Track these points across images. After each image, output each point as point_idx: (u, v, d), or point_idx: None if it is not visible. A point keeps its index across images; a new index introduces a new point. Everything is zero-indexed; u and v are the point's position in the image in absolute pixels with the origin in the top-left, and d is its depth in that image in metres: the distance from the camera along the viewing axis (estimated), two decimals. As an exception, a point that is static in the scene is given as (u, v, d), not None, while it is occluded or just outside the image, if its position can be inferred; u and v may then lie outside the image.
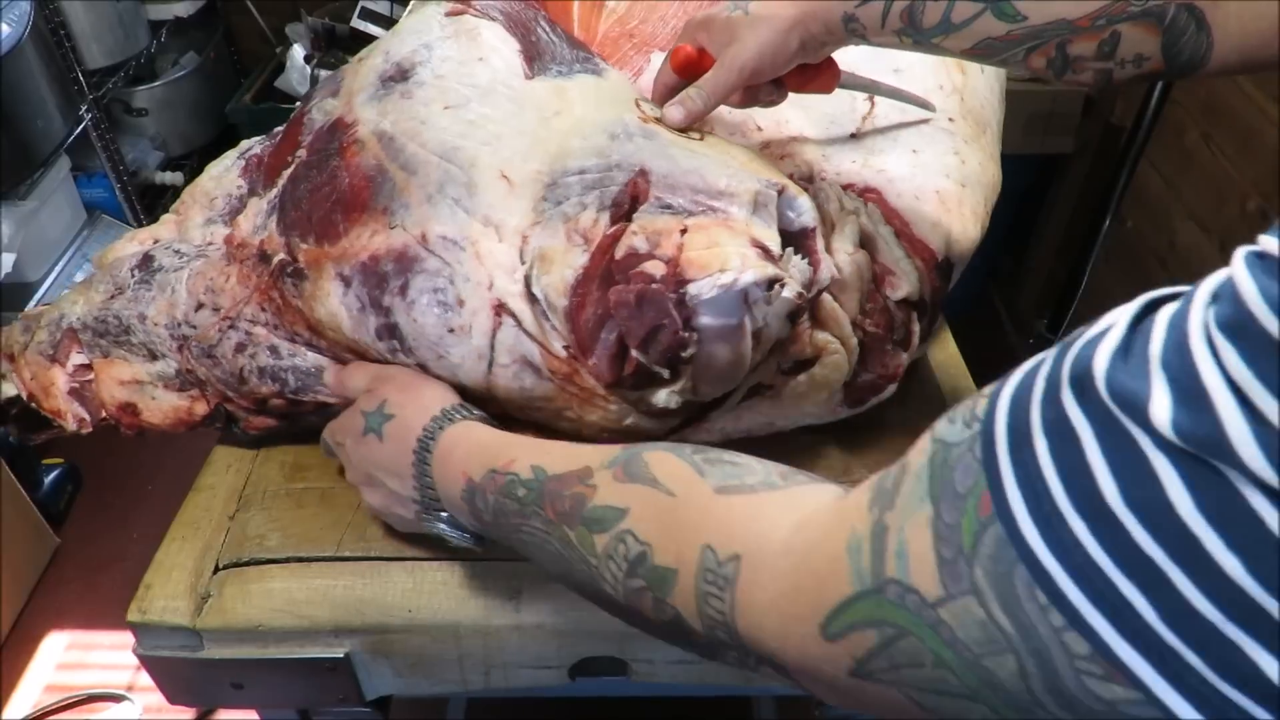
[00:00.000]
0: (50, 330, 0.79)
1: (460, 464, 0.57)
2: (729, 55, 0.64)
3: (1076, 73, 0.57)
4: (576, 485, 0.49)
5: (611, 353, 0.61)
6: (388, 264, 0.65)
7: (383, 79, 0.73)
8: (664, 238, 0.60)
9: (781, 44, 0.63)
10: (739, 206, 0.62)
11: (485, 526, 0.57)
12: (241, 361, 0.73)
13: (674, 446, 0.49)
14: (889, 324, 0.71)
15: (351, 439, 0.65)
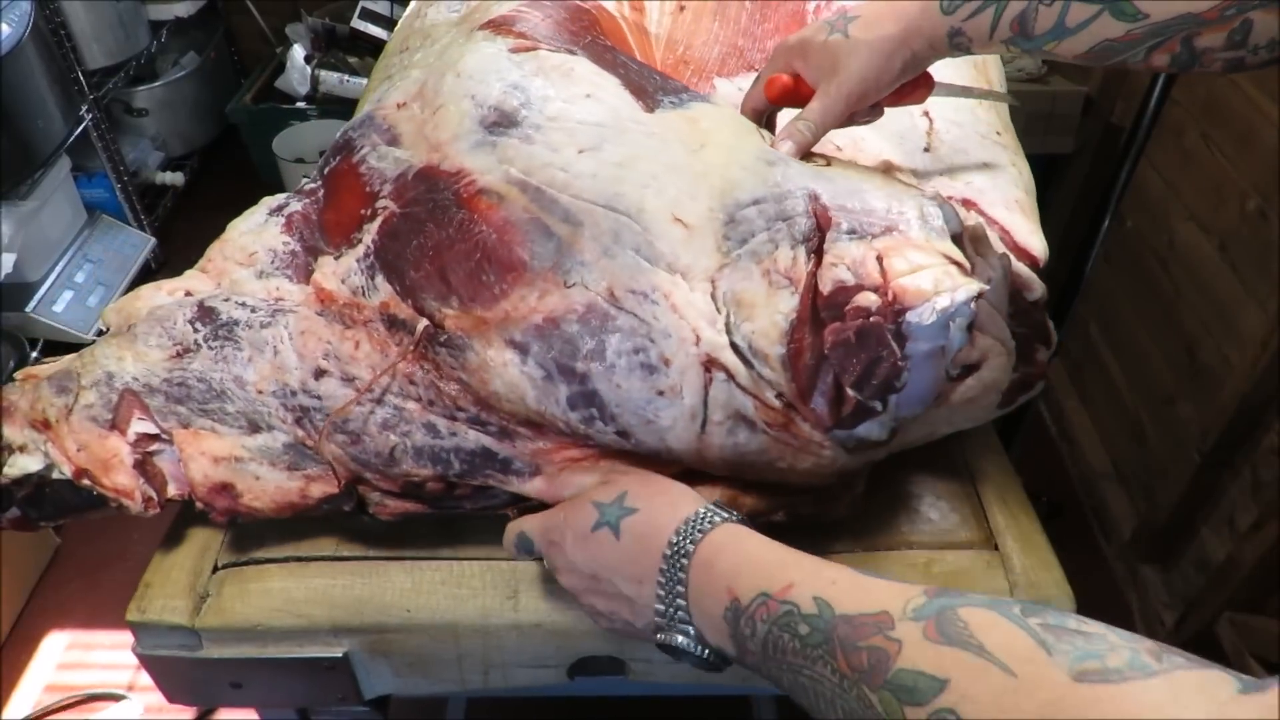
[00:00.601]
0: (101, 391, 0.68)
1: (725, 578, 0.51)
2: (834, 84, 0.63)
3: (1205, 65, 0.55)
4: (875, 636, 0.42)
5: (830, 395, 0.58)
6: (572, 326, 0.60)
7: (486, 125, 0.67)
8: (864, 265, 0.57)
9: (885, 67, 0.61)
10: (911, 223, 0.60)
11: (747, 655, 0.50)
12: (393, 440, 0.65)
13: (993, 602, 0.41)
14: (1030, 323, 0.73)
15: (574, 535, 0.58)
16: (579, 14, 0.79)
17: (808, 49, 0.64)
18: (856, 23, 0.62)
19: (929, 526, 0.73)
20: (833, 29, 0.63)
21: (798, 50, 0.65)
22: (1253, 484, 1.32)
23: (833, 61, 0.62)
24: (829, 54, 0.63)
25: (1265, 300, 1.29)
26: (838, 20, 0.63)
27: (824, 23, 0.64)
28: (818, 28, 0.64)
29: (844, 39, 0.62)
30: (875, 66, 0.61)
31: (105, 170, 2.15)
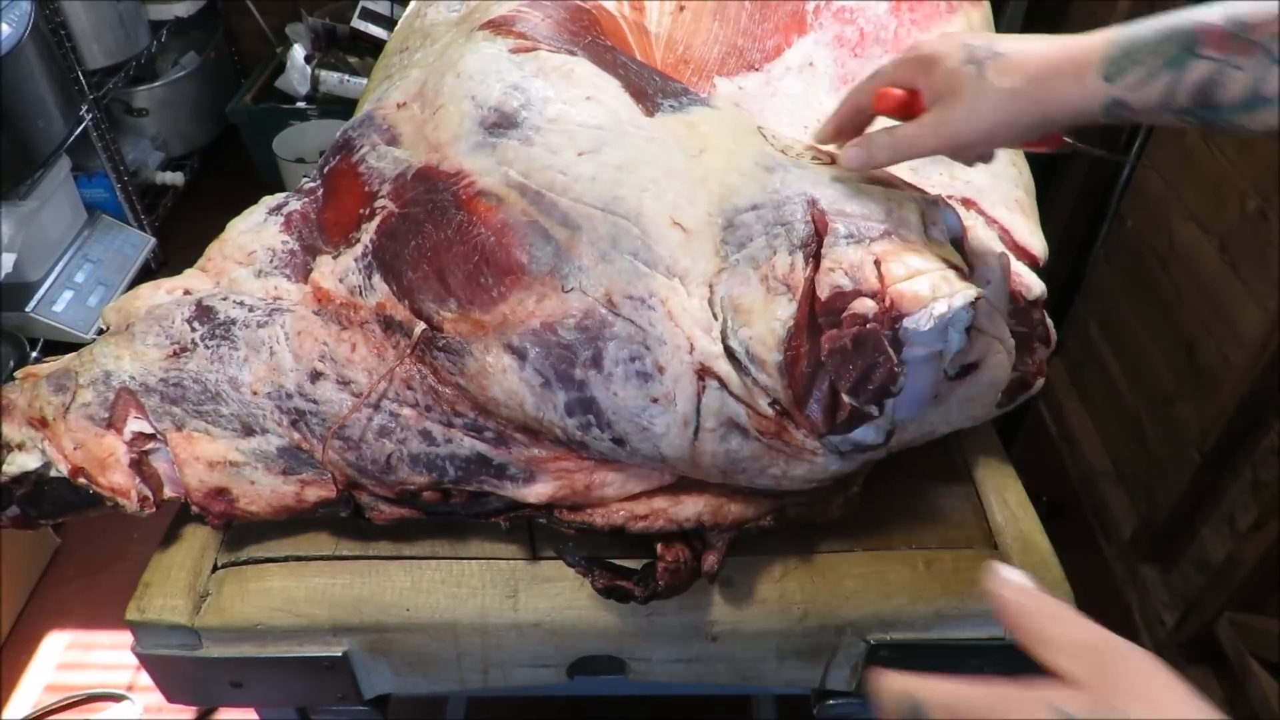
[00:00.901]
0: (98, 390, 0.67)
1: None
2: (943, 119, 0.56)
3: None
4: None
5: (825, 402, 0.58)
6: (570, 332, 0.60)
7: (486, 126, 0.67)
8: (861, 270, 0.57)
9: (1009, 125, 0.54)
10: (910, 227, 0.59)
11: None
12: (389, 447, 0.65)
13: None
14: (1030, 323, 0.73)
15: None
16: (579, 14, 0.79)
17: (934, 67, 0.56)
18: (998, 62, 0.54)
19: (929, 526, 0.73)
20: (970, 56, 0.55)
21: (923, 65, 0.57)
22: (1253, 484, 1.32)
23: (953, 93, 0.55)
24: (954, 83, 0.55)
25: (1265, 300, 1.29)
26: (980, 49, 0.55)
27: (964, 45, 0.55)
28: (955, 47, 0.56)
29: (976, 74, 0.54)
30: (998, 121, 0.54)
31: (105, 170, 2.15)
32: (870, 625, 0.69)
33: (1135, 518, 1.63)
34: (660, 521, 0.66)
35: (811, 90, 0.81)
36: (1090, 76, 0.51)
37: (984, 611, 0.69)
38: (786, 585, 0.69)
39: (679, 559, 0.65)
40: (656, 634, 0.69)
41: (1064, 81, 0.52)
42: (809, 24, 0.84)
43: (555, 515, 0.67)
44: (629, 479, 0.66)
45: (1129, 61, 0.50)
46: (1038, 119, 0.54)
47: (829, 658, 0.71)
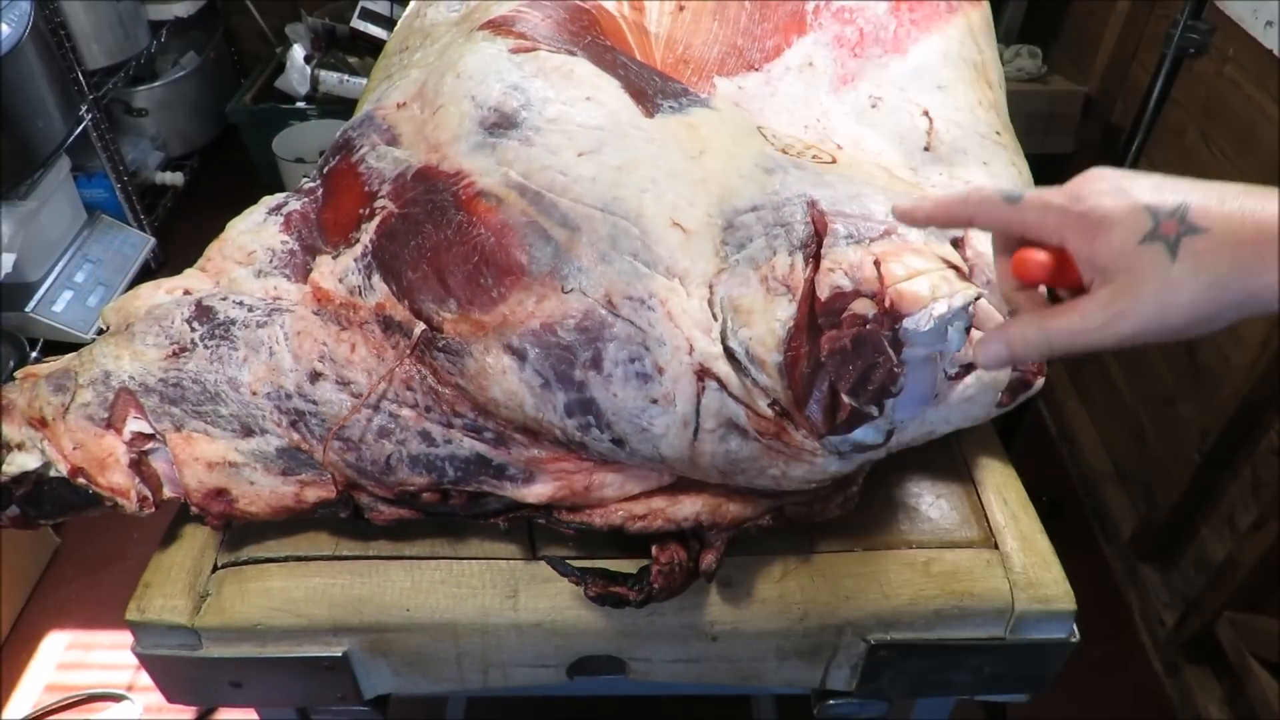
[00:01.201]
0: (98, 390, 0.67)
1: None
2: (1120, 313, 0.44)
3: None
4: None
5: (825, 403, 0.58)
6: (569, 333, 0.60)
7: (486, 126, 0.67)
8: (861, 271, 0.57)
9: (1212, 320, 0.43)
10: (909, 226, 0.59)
11: None
12: (389, 448, 0.65)
13: None
14: None
15: None
16: (579, 14, 0.79)
17: (1101, 236, 0.44)
18: (1197, 240, 0.42)
19: (929, 526, 0.73)
20: (1156, 230, 0.43)
21: (1087, 229, 0.45)
22: (1253, 484, 1.32)
23: (1134, 279, 0.43)
24: (1133, 266, 0.43)
25: (1265, 300, 1.29)
26: (1170, 220, 0.42)
27: (1147, 210, 0.43)
28: (1134, 213, 0.43)
29: (1166, 258, 0.42)
30: (1194, 318, 0.43)
31: (105, 170, 2.15)
32: (870, 625, 0.69)
33: (1135, 518, 1.63)
34: (658, 521, 0.66)
35: (811, 90, 0.81)
36: None
37: (984, 611, 0.69)
38: (786, 585, 0.69)
39: (673, 560, 0.65)
40: (656, 634, 0.69)
41: None
42: (809, 24, 0.84)
43: (554, 516, 0.67)
44: (628, 480, 0.66)
45: None
46: (1243, 312, 0.43)
47: (829, 658, 0.71)
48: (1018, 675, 0.73)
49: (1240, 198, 0.42)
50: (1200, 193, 0.43)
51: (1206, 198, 0.43)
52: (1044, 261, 0.47)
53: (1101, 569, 1.66)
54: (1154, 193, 0.44)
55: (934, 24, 0.84)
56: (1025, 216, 0.47)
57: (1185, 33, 1.13)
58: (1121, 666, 1.51)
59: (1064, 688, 1.18)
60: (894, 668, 0.71)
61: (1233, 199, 0.42)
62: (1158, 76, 1.18)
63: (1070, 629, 0.70)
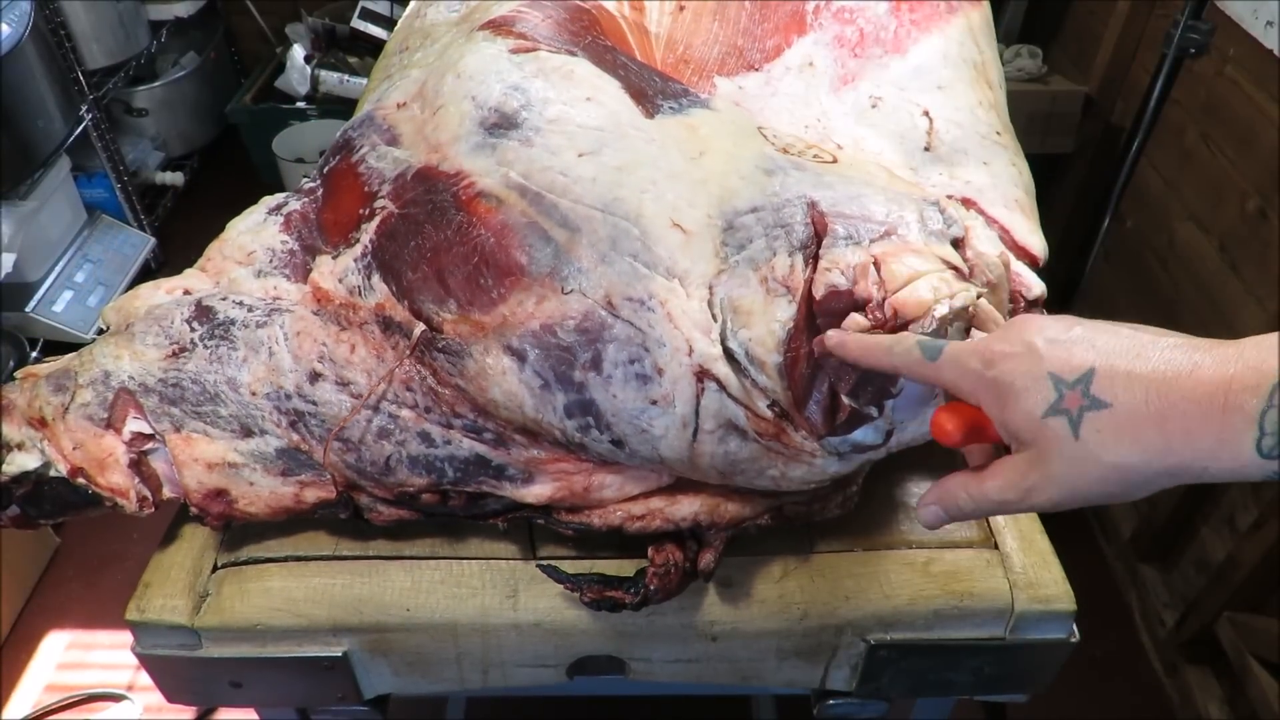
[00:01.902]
0: (97, 390, 0.67)
1: None
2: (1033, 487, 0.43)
3: None
4: None
5: (825, 404, 0.58)
6: (569, 334, 0.60)
7: (486, 127, 0.67)
8: (860, 271, 0.57)
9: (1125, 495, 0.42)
10: (910, 227, 0.59)
11: None
12: (388, 449, 0.65)
13: None
14: None
15: None
16: (579, 14, 0.79)
17: (1010, 403, 0.43)
18: (1099, 417, 0.40)
19: (928, 526, 0.73)
20: (1059, 403, 0.41)
21: (996, 394, 0.44)
22: (1253, 484, 1.32)
23: (1042, 453, 0.42)
24: (1040, 439, 0.42)
25: (1265, 300, 1.29)
26: (1073, 392, 0.40)
27: (1050, 378, 0.41)
28: (1039, 380, 0.41)
29: (1069, 435, 0.41)
30: (1101, 491, 0.41)
31: (105, 170, 2.15)
32: (870, 625, 0.69)
33: (1135, 518, 1.63)
34: (657, 521, 0.66)
35: (811, 90, 0.81)
36: (1239, 449, 0.37)
37: (984, 611, 0.69)
38: (786, 585, 0.69)
39: (668, 561, 0.65)
40: (656, 634, 0.69)
41: (1198, 455, 0.38)
42: (809, 24, 0.84)
43: (553, 516, 0.67)
44: (627, 481, 0.66)
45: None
46: (1162, 487, 0.41)
47: (829, 658, 0.71)
48: (1017, 675, 0.73)
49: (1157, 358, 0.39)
50: (1115, 352, 0.40)
51: (1118, 361, 0.40)
52: (956, 425, 0.47)
53: (1101, 569, 1.66)
54: (1064, 357, 0.41)
55: (934, 24, 0.84)
56: (942, 375, 0.47)
57: (1185, 33, 1.13)
58: (1121, 666, 1.51)
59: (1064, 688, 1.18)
60: (894, 668, 0.71)
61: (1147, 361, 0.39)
62: (1158, 76, 1.18)
63: (1070, 629, 0.70)
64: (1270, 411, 0.36)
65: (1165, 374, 0.39)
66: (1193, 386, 0.38)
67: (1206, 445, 0.38)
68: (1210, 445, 0.38)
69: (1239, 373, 0.37)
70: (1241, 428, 0.37)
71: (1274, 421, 0.36)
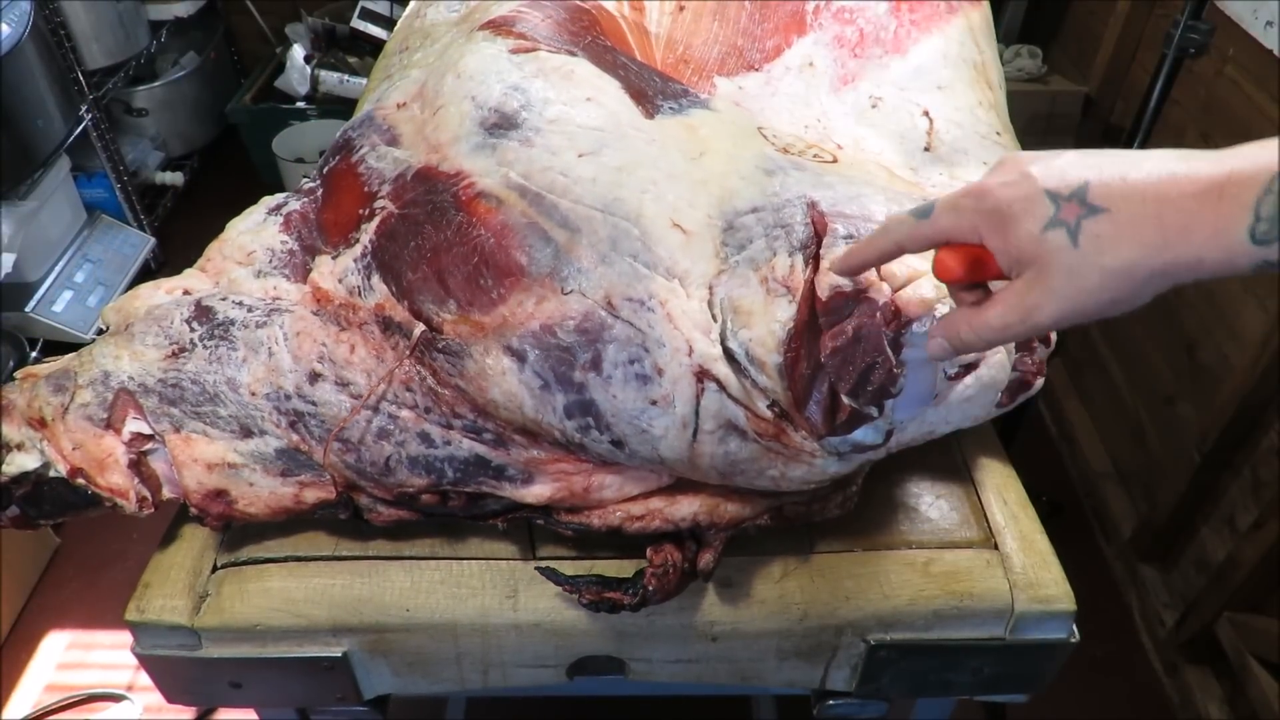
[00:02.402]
0: (97, 390, 0.67)
1: None
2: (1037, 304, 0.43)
3: None
4: None
5: (825, 404, 0.58)
6: (569, 335, 0.60)
7: (486, 127, 0.67)
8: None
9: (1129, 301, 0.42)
10: None
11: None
12: (388, 450, 0.65)
13: None
14: None
15: None
16: (579, 14, 0.79)
17: (1008, 228, 0.43)
18: (1098, 222, 0.41)
19: (929, 526, 0.73)
20: (1056, 215, 0.42)
21: (993, 222, 0.44)
22: (1253, 484, 1.32)
23: (1043, 268, 0.43)
24: (1040, 254, 0.42)
25: (1265, 300, 1.29)
26: (1070, 203, 0.41)
27: (1045, 195, 0.42)
28: (1034, 200, 0.42)
29: (1068, 245, 0.41)
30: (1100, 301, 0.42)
31: (105, 170, 2.15)
32: (870, 625, 0.69)
33: (1135, 518, 1.63)
34: (656, 522, 0.66)
35: (811, 90, 0.81)
36: (1232, 237, 0.38)
37: (984, 611, 0.69)
38: (786, 585, 0.69)
39: (667, 562, 0.65)
40: (656, 634, 0.69)
41: (1193, 247, 0.39)
42: (809, 24, 0.84)
43: (553, 517, 0.67)
44: (627, 481, 0.66)
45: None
46: (1158, 289, 0.41)
47: (829, 658, 0.71)
48: (1017, 675, 0.73)
49: (1150, 166, 0.41)
50: (1108, 166, 0.42)
51: (1111, 172, 0.41)
52: (960, 257, 0.48)
53: (1101, 569, 1.66)
54: (1059, 175, 0.42)
55: (934, 24, 0.84)
56: (941, 225, 0.47)
57: (1185, 33, 1.13)
58: (1121, 666, 1.51)
59: (1064, 688, 1.18)
60: (894, 668, 0.71)
61: (1141, 169, 0.41)
62: (1158, 76, 1.18)
63: (1070, 629, 0.70)
64: (1267, 198, 0.37)
65: (1161, 176, 0.40)
66: (1189, 183, 0.39)
67: (1202, 237, 0.39)
68: (1206, 236, 0.39)
69: (1236, 167, 0.39)
70: (1237, 215, 0.38)
71: (1270, 206, 0.37)
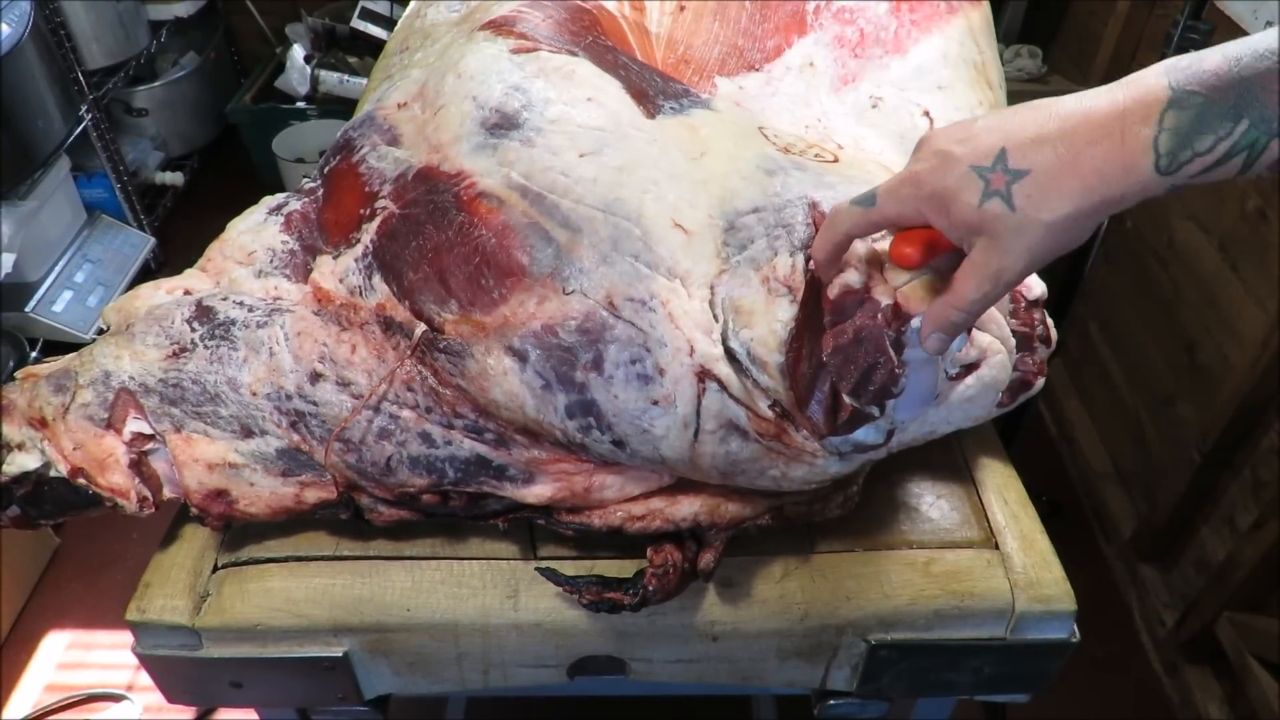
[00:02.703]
0: (98, 390, 0.67)
1: None
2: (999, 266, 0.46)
3: None
4: None
5: (826, 404, 0.58)
6: (571, 335, 0.60)
7: (487, 127, 0.67)
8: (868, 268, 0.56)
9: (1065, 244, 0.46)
10: None
11: None
12: (389, 450, 0.65)
13: None
14: (1029, 321, 0.73)
15: None
16: (580, 14, 0.79)
17: (949, 207, 0.47)
18: (1025, 184, 0.45)
19: (929, 526, 0.73)
20: (988, 187, 0.45)
21: (935, 205, 0.48)
22: (1253, 484, 1.32)
23: (992, 235, 0.46)
24: (985, 224, 0.46)
25: (1265, 300, 1.29)
26: (995, 173, 0.45)
27: (973, 172, 0.46)
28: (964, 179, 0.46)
29: (1007, 210, 0.45)
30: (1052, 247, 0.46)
31: (105, 170, 2.15)
32: (870, 625, 0.69)
33: (1135, 518, 1.63)
34: (657, 522, 0.66)
35: (812, 90, 0.81)
36: (1142, 173, 0.43)
37: (984, 611, 0.69)
38: (787, 585, 0.69)
39: (667, 562, 0.65)
40: (657, 634, 0.69)
41: (1113, 182, 0.43)
42: (809, 24, 0.84)
43: (554, 517, 0.67)
44: (628, 481, 0.66)
45: (1188, 150, 0.42)
46: (1094, 225, 0.46)
47: (829, 658, 0.71)
48: (1018, 675, 0.73)
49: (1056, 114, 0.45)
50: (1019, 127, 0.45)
51: (1023, 133, 0.45)
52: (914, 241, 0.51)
53: (1101, 569, 1.66)
54: (977, 148, 0.46)
55: (934, 24, 0.84)
56: (885, 212, 0.50)
57: (1185, 33, 1.13)
58: (1121, 666, 1.51)
59: (1064, 688, 1.18)
60: (894, 668, 0.71)
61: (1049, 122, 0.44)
62: (1158, 76, 1.18)
63: (1070, 629, 0.70)
64: (1161, 135, 0.42)
65: (1065, 128, 0.44)
66: (1090, 130, 0.43)
67: (1116, 176, 0.43)
68: (1119, 174, 0.43)
69: (1128, 106, 0.43)
70: (1141, 155, 0.42)
71: (1166, 143, 0.42)
